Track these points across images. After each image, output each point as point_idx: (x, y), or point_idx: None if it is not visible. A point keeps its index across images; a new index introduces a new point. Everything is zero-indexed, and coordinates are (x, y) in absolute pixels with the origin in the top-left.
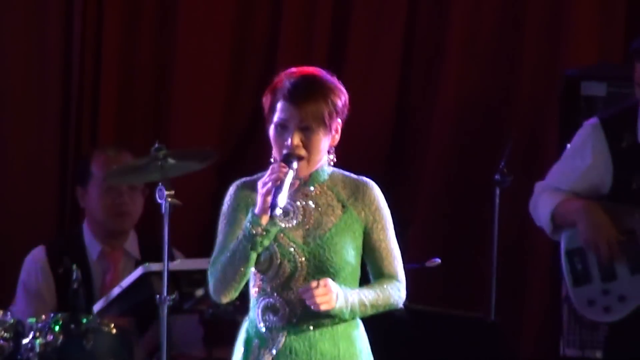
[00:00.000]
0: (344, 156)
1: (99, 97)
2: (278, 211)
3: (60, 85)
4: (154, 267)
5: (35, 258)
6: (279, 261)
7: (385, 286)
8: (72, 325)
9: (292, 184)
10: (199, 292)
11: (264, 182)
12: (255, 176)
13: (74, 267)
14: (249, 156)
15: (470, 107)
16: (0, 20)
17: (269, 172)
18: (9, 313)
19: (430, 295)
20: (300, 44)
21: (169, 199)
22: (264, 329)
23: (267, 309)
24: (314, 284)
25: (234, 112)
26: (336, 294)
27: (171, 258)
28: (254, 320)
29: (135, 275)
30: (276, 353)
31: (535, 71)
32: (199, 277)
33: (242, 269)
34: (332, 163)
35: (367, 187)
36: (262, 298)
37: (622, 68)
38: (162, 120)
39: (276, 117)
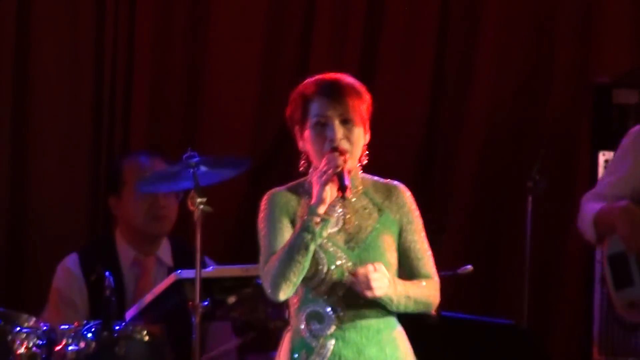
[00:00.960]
0: (378, 165)
1: (131, 104)
2: (348, 192)
3: (92, 92)
4: (187, 274)
5: (68, 265)
6: (325, 267)
7: (424, 284)
8: (105, 333)
9: (349, 171)
10: (231, 299)
11: (321, 172)
12: (284, 186)
13: (107, 274)
14: (281, 163)
15: (502, 115)
16: (32, 28)
17: (324, 163)
18: (41, 320)
19: (462, 302)
20: (333, 51)
21: (201, 206)
22: (310, 338)
23: (312, 317)
24: (370, 267)
25: (266, 119)
26: (388, 280)
27: (203, 265)
28: (298, 330)
29: (167, 282)
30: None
31: (566, 79)
32: (231, 285)
33: (302, 261)
34: (364, 162)
35: (398, 189)
36: (305, 306)
37: None
38: (194, 127)
39: (313, 117)
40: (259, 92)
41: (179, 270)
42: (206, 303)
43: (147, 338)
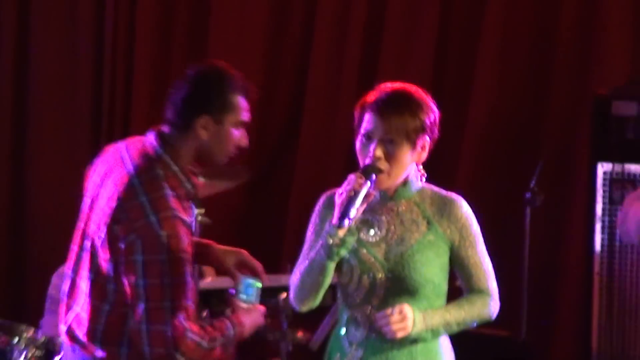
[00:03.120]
0: None
1: (130, 110)
2: (346, 222)
3: (92, 89)
4: None
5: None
6: (358, 276)
7: (474, 301)
8: None
9: (367, 196)
10: (229, 311)
11: (340, 192)
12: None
13: None
14: (280, 174)
15: (501, 126)
16: (32, 21)
17: (345, 183)
18: (39, 331)
19: None
20: (332, 60)
21: (200, 217)
22: (346, 343)
23: (350, 322)
24: (389, 311)
25: (265, 130)
26: (412, 320)
27: (201, 276)
28: (338, 333)
29: None
30: None
31: (566, 91)
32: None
33: (320, 278)
34: (423, 179)
35: (454, 204)
36: (345, 311)
37: None
38: None
39: (362, 129)
40: (258, 102)
41: None
42: (204, 314)
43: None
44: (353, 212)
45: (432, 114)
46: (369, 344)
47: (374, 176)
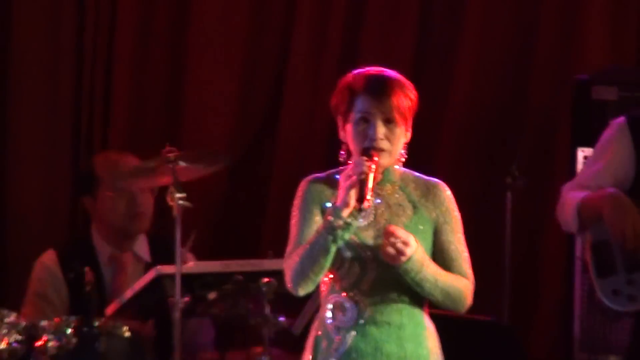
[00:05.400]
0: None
1: (111, 101)
2: (365, 204)
3: (72, 88)
4: (167, 270)
5: (46, 262)
6: (348, 261)
7: (459, 278)
8: (85, 328)
9: (374, 178)
10: (212, 295)
11: (347, 175)
12: (324, 173)
13: (87, 270)
14: (260, 159)
15: (482, 111)
16: (14, 23)
17: (352, 165)
18: (21, 316)
19: None
20: (312, 48)
21: (180, 202)
22: (332, 328)
23: (336, 308)
24: (401, 234)
25: (246, 114)
26: (412, 252)
27: (182, 261)
28: (323, 318)
29: (147, 278)
30: (342, 353)
31: (546, 75)
32: (212, 280)
33: (322, 261)
34: (402, 159)
35: (438, 188)
36: (331, 296)
37: (633, 72)
38: (174, 123)
39: (357, 113)
40: (238, 88)
41: (159, 266)
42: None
43: (127, 334)
44: (369, 195)
45: (414, 93)
46: (357, 330)
47: (377, 157)
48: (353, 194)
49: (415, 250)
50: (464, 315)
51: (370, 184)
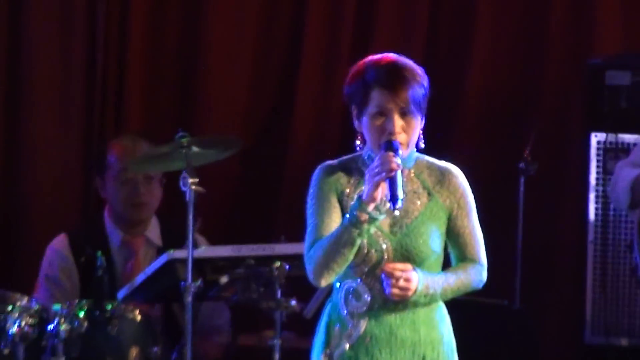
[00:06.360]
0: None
1: (124, 85)
2: (399, 203)
3: (85, 73)
4: (179, 254)
5: (57, 246)
6: (365, 250)
7: (468, 270)
8: (97, 312)
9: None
10: (224, 279)
11: (373, 170)
12: (337, 160)
13: (99, 254)
14: (274, 144)
15: (494, 96)
16: (24, 7)
17: (378, 161)
18: (33, 300)
19: None
20: (325, 32)
21: (193, 187)
22: (345, 314)
23: (350, 294)
24: (398, 272)
25: (258, 99)
26: (415, 287)
27: (195, 245)
28: (336, 304)
29: (159, 263)
30: (356, 339)
31: (559, 60)
32: (224, 265)
33: (347, 254)
34: (421, 145)
35: (452, 174)
36: (345, 282)
37: None
38: (187, 108)
39: (372, 106)
40: (251, 73)
41: (171, 251)
42: (198, 283)
43: (139, 318)
44: (401, 191)
45: (427, 80)
46: (371, 316)
47: (401, 150)
48: (380, 189)
49: (418, 280)
50: (477, 299)
51: (400, 181)
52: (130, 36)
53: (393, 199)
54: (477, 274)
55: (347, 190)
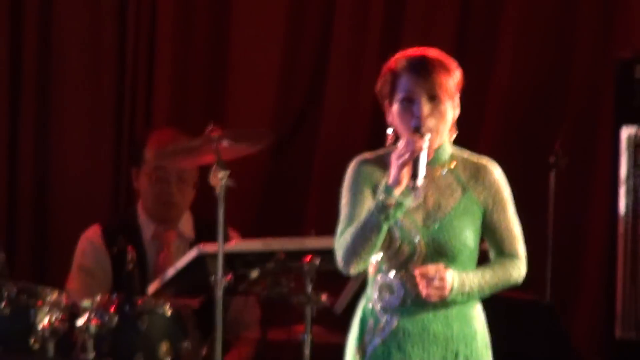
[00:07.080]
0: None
1: (153, 78)
2: (419, 182)
3: (115, 66)
4: (209, 248)
5: (90, 237)
6: (398, 242)
7: (505, 265)
8: (127, 307)
9: (427, 156)
10: (254, 274)
11: (399, 153)
12: (373, 153)
13: (129, 248)
14: (304, 137)
15: (524, 90)
16: (55, 4)
17: (404, 144)
18: (63, 294)
19: None
20: (355, 26)
21: (224, 181)
22: (379, 308)
23: (383, 288)
24: (432, 272)
25: (289, 93)
26: (451, 286)
27: (226, 239)
28: (370, 298)
29: (189, 257)
30: (389, 333)
31: (589, 54)
32: (254, 259)
33: (374, 239)
34: (454, 135)
35: (487, 169)
36: (379, 276)
37: None
38: (217, 101)
39: (401, 92)
40: (281, 66)
41: (202, 245)
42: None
43: (169, 312)
44: (422, 172)
45: (459, 70)
46: (404, 311)
47: (427, 135)
48: (405, 172)
49: (452, 277)
50: (507, 295)
51: (423, 161)
52: (160, 29)
53: (414, 176)
54: (515, 268)
55: (382, 183)
